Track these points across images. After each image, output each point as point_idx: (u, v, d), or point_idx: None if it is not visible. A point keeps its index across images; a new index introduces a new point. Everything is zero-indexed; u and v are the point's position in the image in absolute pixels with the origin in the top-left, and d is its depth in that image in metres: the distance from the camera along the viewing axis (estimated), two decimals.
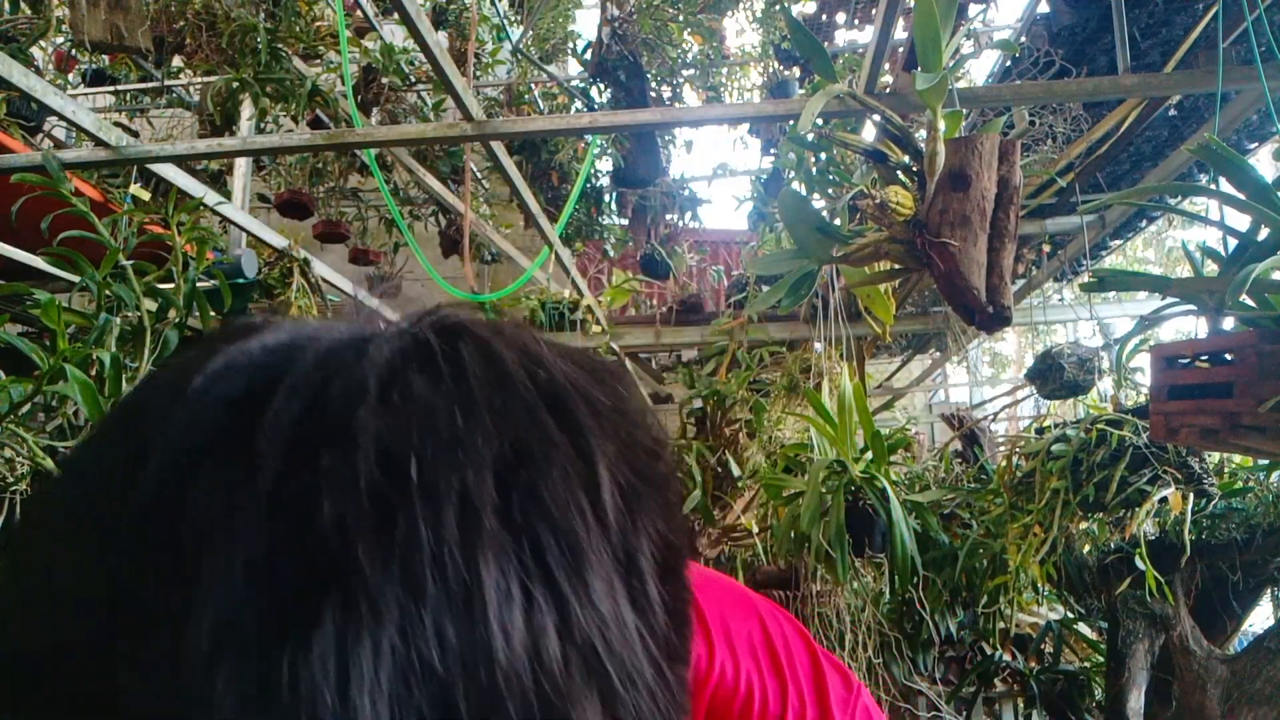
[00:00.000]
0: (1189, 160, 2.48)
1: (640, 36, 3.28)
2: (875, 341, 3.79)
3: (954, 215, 1.02)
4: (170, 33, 3.01)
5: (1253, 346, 0.89)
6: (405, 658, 0.18)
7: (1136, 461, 1.61)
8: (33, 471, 1.19)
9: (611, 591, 0.22)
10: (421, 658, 0.19)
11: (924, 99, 1.07)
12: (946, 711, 2.07)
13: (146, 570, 0.20)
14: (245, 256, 3.18)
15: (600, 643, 0.21)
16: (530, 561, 0.21)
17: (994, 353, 9.57)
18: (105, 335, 1.35)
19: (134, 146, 1.92)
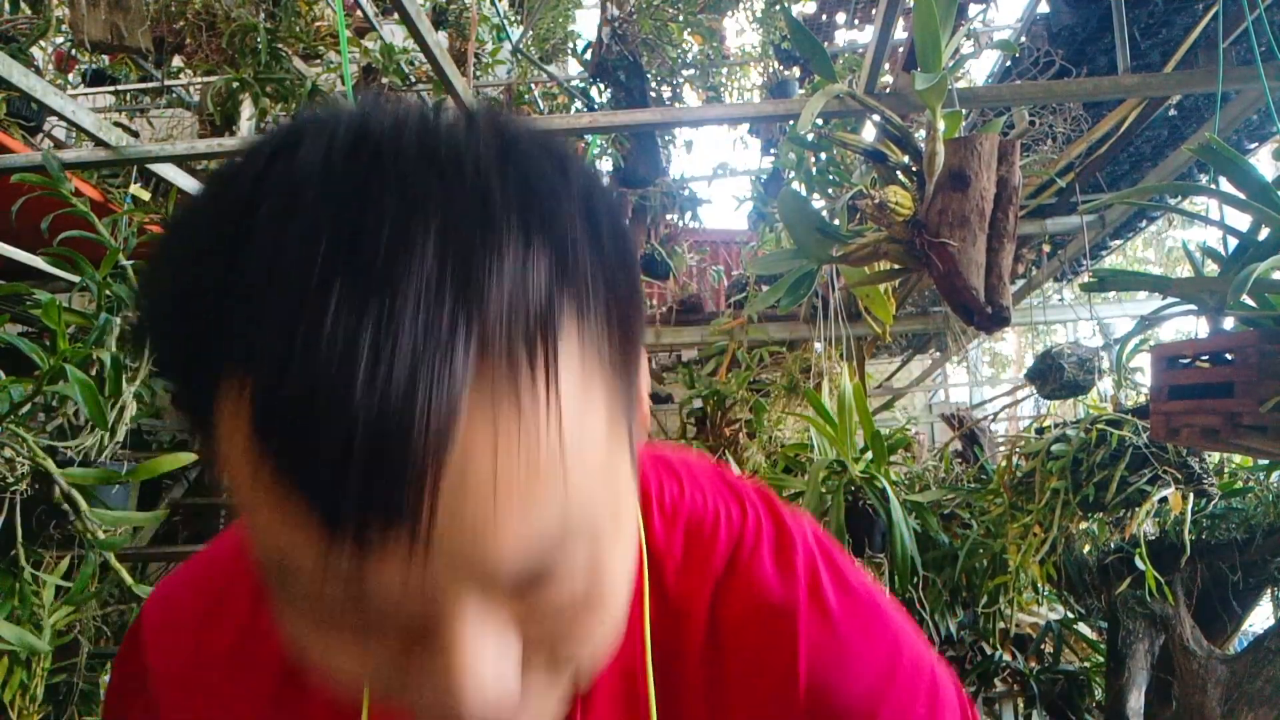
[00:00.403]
0: (1189, 160, 2.48)
1: (640, 36, 3.28)
2: (875, 341, 3.79)
3: (953, 215, 1.02)
4: (170, 33, 3.01)
5: (1253, 346, 0.89)
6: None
7: (1136, 461, 1.61)
8: (33, 471, 1.19)
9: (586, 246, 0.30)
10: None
11: (924, 99, 1.07)
12: None
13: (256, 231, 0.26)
14: None
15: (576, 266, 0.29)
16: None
17: (994, 353, 9.57)
18: (105, 335, 1.35)
19: (134, 146, 1.92)
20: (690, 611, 0.45)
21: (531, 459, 0.27)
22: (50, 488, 1.19)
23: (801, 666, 0.44)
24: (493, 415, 0.26)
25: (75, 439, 1.32)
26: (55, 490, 1.19)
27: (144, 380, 1.47)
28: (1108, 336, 4.25)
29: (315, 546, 0.26)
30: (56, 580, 1.22)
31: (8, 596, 1.16)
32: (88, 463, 1.33)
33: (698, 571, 0.46)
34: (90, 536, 1.20)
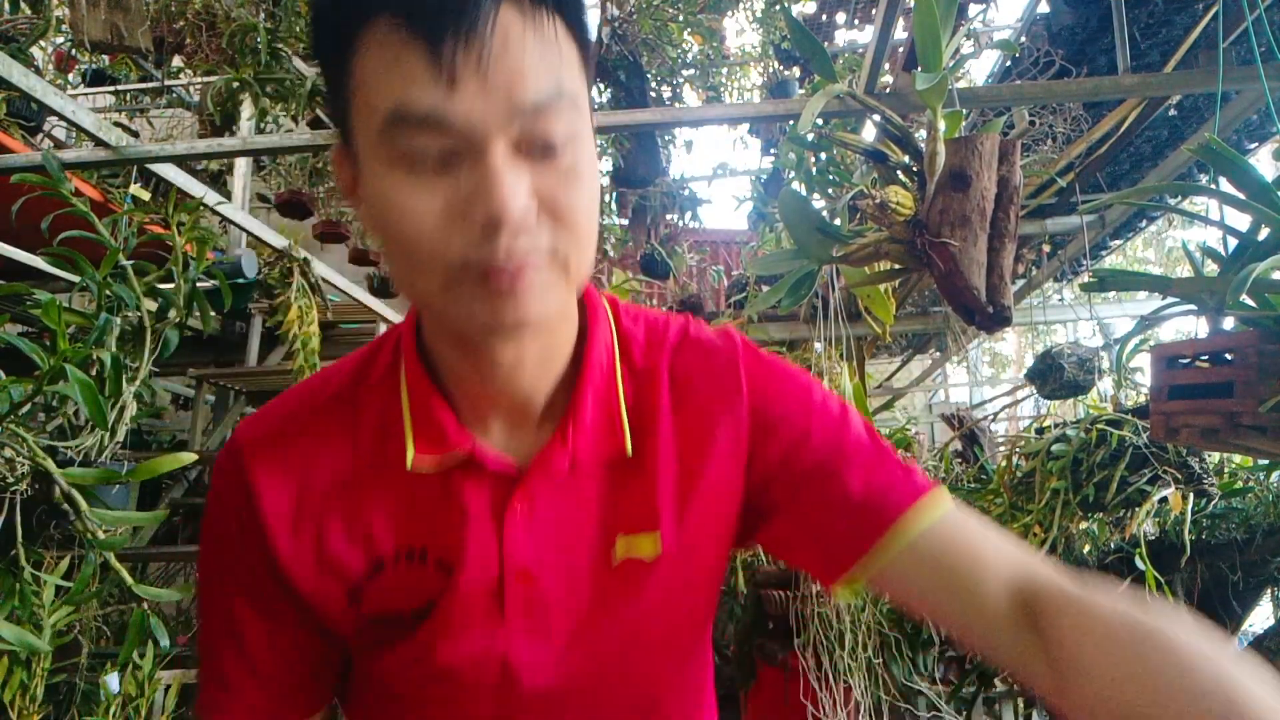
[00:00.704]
0: (1189, 160, 2.48)
1: (640, 36, 3.28)
2: (875, 341, 3.79)
3: (954, 215, 1.02)
4: (170, 33, 3.01)
5: (1253, 346, 0.89)
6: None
7: (1136, 461, 1.61)
8: (33, 471, 1.19)
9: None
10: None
11: (924, 99, 1.07)
12: (946, 711, 2.07)
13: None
14: (245, 256, 3.18)
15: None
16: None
17: (994, 353, 9.57)
18: (105, 335, 1.35)
19: (134, 146, 1.92)
20: (654, 374, 0.61)
21: (545, 40, 0.46)
22: (50, 488, 1.19)
23: (744, 385, 0.60)
24: (521, 17, 0.45)
25: (75, 439, 1.32)
26: (55, 490, 1.19)
27: (144, 380, 1.47)
28: (1108, 336, 4.25)
29: (427, 81, 0.44)
30: (56, 580, 1.22)
31: (8, 596, 1.16)
32: (88, 463, 1.33)
33: (657, 348, 0.62)
34: (90, 536, 1.20)
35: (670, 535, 0.58)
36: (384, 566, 0.57)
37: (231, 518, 0.59)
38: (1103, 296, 4.06)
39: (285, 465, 0.58)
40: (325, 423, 0.60)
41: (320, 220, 4.17)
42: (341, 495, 0.58)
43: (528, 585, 0.56)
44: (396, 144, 0.46)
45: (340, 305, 3.85)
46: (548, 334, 0.57)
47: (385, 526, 0.57)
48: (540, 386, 0.58)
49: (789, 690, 2.17)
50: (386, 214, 0.47)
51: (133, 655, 1.66)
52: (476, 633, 0.56)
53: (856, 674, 2.00)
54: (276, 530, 0.57)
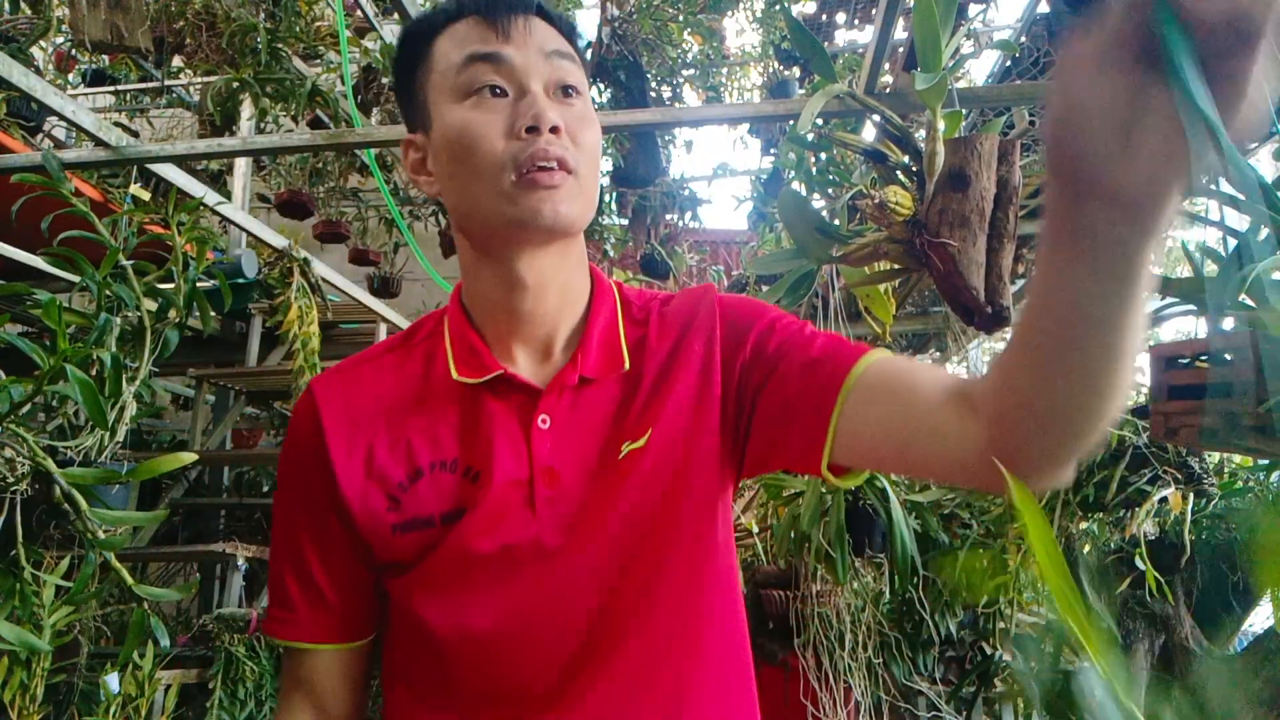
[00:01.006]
0: None
1: (640, 36, 3.28)
2: (875, 341, 3.78)
3: (953, 215, 1.02)
4: (170, 33, 3.01)
5: (1253, 346, 0.89)
6: None
7: (1136, 461, 1.61)
8: (33, 471, 1.19)
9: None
10: None
11: (924, 99, 1.07)
12: (946, 711, 2.07)
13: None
14: (245, 256, 3.18)
15: None
16: None
17: (994, 353, 9.56)
18: (105, 335, 1.35)
19: (134, 146, 1.92)
20: (648, 319, 0.77)
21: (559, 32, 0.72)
22: (50, 488, 1.19)
23: (716, 309, 0.76)
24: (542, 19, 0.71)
25: (75, 439, 1.32)
26: (55, 490, 1.19)
27: (144, 380, 1.47)
28: None
29: (491, 37, 0.67)
30: (56, 580, 1.22)
31: (8, 596, 1.16)
32: (88, 463, 1.33)
33: (651, 302, 0.79)
34: (90, 536, 1.20)
35: (658, 428, 0.70)
36: (421, 474, 0.69)
37: (303, 445, 0.72)
38: None
39: (345, 396, 0.73)
40: (378, 365, 0.76)
41: (320, 220, 4.17)
42: (388, 417, 0.71)
43: (552, 480, 0.68)
44: (469, 81, 0.67)
45: (340, 305, 3.85)
46: (567, 253, 0.72)
47: (422, 442, 0.70)
48: (559, 322, 0.73)
49: (789, 690, 2.17)
50: (461, 137, 0.66)
51: (133, 655, 1.66)
52: (512, 523, 0.67)
53: (856, 674, 2.00)
54: (334, 448, 0.70)
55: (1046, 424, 0.54)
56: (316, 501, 0.71)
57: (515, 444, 0.69)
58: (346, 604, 0.74)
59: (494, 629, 0.68)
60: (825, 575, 2.00)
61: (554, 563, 0.67)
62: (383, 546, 0.70)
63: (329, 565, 0.72)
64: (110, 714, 1.67)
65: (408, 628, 0.72)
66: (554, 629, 0.67)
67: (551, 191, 0.64)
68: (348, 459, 0.70)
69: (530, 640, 0.67)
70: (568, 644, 0.67)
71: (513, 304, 0.71)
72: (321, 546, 0.72)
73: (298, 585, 0.73)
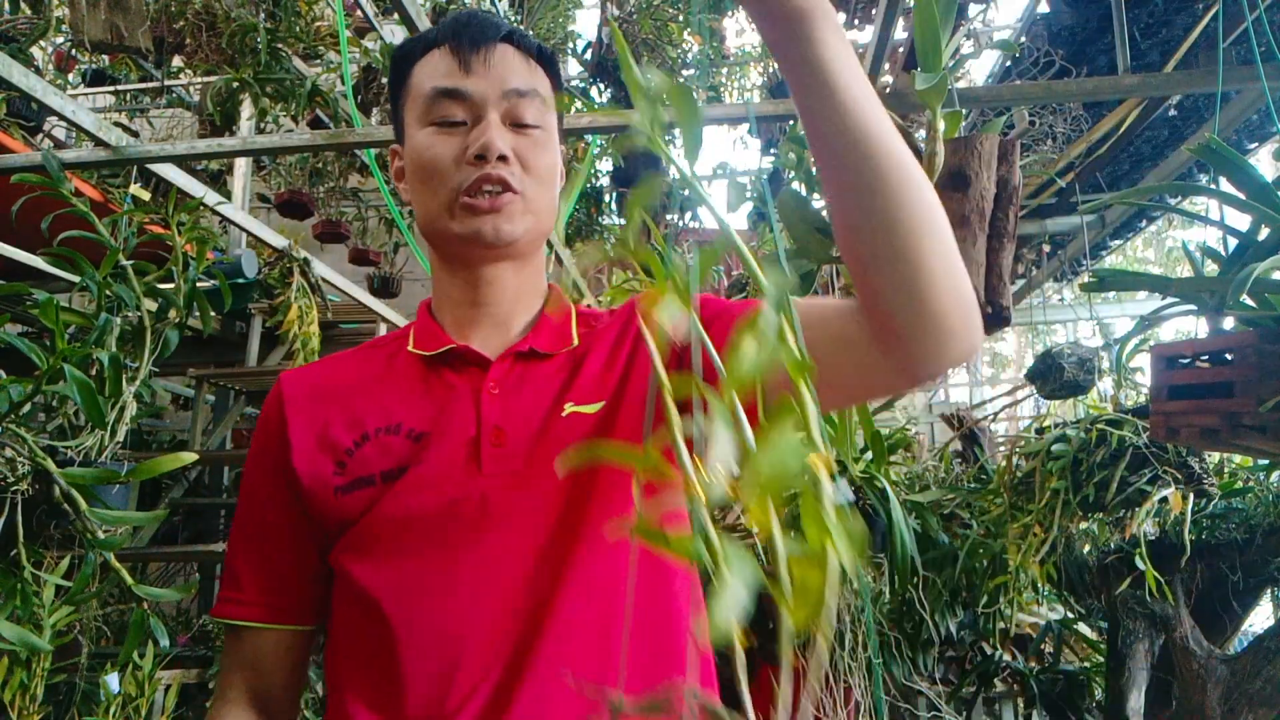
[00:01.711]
0: (1189, 160, 2.48)
1: (640, 36, 3.28)
2: None
3: (953, 215, 1.02)
4: (170, 33, 3.01)
5: (1253, 346, 0.89)
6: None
7: (1136, 461, 1.61)
8: (33, 471, 1.19)
9: None
10: None
11: (924, 99, 1.07)
12: (946, 711, 2.07)
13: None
14: (245, 256, 3.18)
15: None
16: None
17: (994, 353, 9.57)
18: (105, 335, 1.35)
19: (134, 146, 1.92)
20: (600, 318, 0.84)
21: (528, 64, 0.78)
22: (50, 488, 1.19)
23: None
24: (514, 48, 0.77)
25: (75, 439, 1.32)
26: (55, 490, 1.19)
27: (144, 380, 1.47)
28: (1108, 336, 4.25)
29: (455, 71, 0.75)
30: (56, 580, 1.22)
31: (8, 596, 1.16)
32: (88, 463, 1.33)
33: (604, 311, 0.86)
34: (90, 536, 1.20)
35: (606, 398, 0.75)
36: (367, 439, 0.74)
37: (266, 428, 0.78)
38: (1103, 296, 4.06)
39: (308, 383, 0.80)
40: (344, 359, 0.84)
41: (320, 220, 4.17)
42: (345, 395, 0.78)
43: (499, 438, 0.73)
44: (433, 111, 0.75)
45: (340, 305, 3.85)
46: (520, 264, 0.80)
47: (373, 411, 0.76)
48: (516, 311, 0.81)
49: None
50: (421, 157, 0.75)
51: (133, 655, 1.66)
52: (457, 479, 0.71)
53: (856, 674, 2.00)
54: (293, 426, 0.76)
55: (884, 280, 0.59)
56: (273, 479, 0.76)
57: (465, 408, 0.74)
58: (295, 584, 0.77)
59: (434, 587, 0.69)
60: None
61: (495, 518, 0.70)
62: (328, 511, 0.73)
63: (280, 543, 0.77)
64: (110, 714, 1.66)
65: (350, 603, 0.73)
66: (497, 585, 0.69)
67: (494, 214, 0.73)
68: (303, 434, 0.76)
69: (473, 596, 0.69)
70: (511, 600, 0.69)
71: (472, 304, 0.79)
72: (276, 525, 0.77)
73: (248, 565, 0.77)
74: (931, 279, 0.58)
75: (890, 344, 0.62)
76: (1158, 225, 4.47)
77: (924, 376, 0.63)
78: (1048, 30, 2.32)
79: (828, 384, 0.65)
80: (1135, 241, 5.22)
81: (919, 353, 0.61)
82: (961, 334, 0.60)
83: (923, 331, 0.60)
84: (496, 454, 0.72)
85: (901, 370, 0.63)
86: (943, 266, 0.58)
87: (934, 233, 0.58)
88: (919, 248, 0.58)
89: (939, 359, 0.62)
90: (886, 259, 0.58)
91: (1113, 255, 4.09)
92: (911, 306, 0.59)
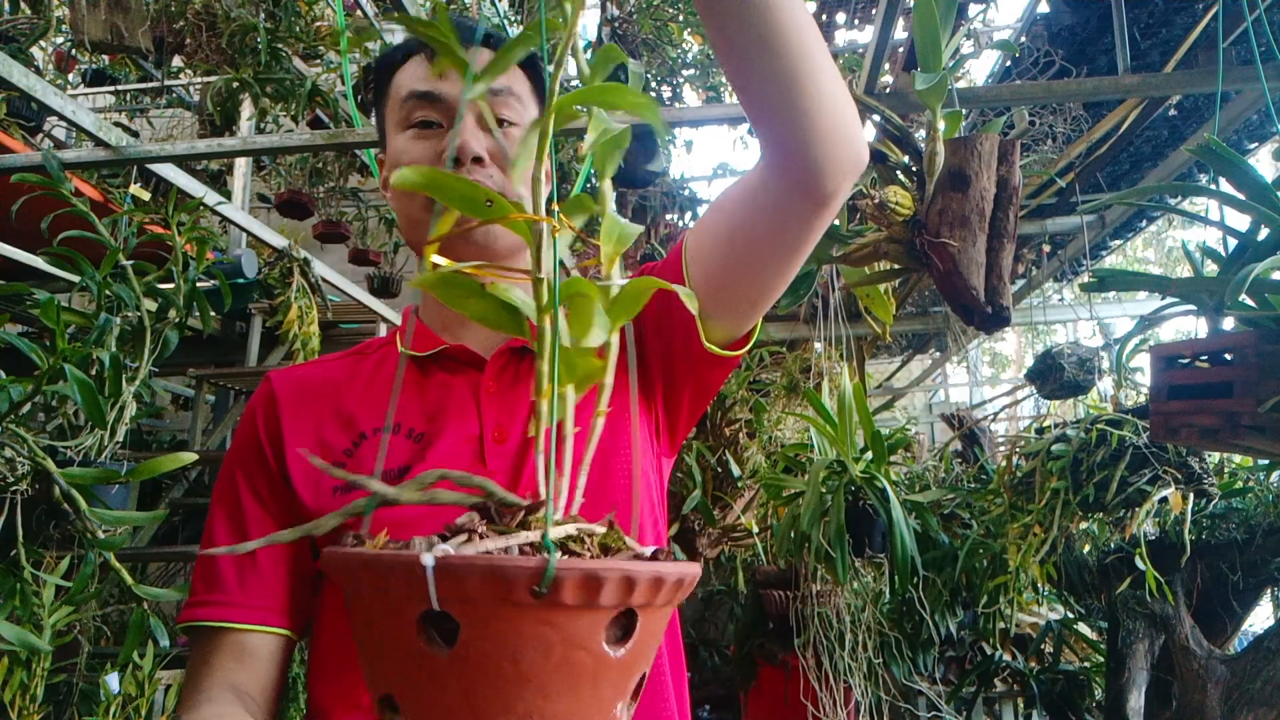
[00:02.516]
0: (1189, 160, 2.48)
1: (640, 36, 3.28)
2: (875, 341, 3.79)
3: (953, 215, 1.02)
4: (170, 33, 3.00)
5: (1253, 346, 0.89)
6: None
7: (1136, 461, 1.61)
8: (33, 471, 1.19)
9: None
10: None
11: (924, 99, 1.07)
12: (946, 711, 2.07)
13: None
14: (245, 256, 3.18)
15: None
16: None
17: (994, 353, 9.57)
18: (105, 335, 1.35)
19: (134, 146, 1.92)
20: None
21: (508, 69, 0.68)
22: (50, 488, 1.19)
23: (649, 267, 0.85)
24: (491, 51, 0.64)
25: (75, 439, 1.32)
26: (55, 490, 1.19)
27: (144, 380, 1.47)
28: (1108, 336, 4.25)
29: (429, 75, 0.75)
30: (56, 580, 1.22)
31: (8, 597, 1.16)
32: (88, 463, 1.33)
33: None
34: (90, 536, 1.20)
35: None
36: (364, 438, 0.75)
37: (256, 423, 0.77)
38: (1103, 296, 4.06)
39: (297, 380, 0.80)
40: (331, 361, 0.84)
41: (320, 220, 4.16)
42: (336, 395, 0.78)
43: (500, 434, 0.74)
44: (410, 115, 0.76)
45: (340, 305, 3.85)
46: (508, 263, 0.78)
47: (365, 411, 0.76)
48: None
49: (789, 690, 2.17)
50: (399, 162, 0.76)
51: (133, 655, 1.66)
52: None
53: (856, 674, 2.00)
54: (286, 424, 0.76)
55: (770, 106, 0.61)
56: (263, 476, 0.75)
57: (465, 407, 0.75)
58: (285, 587, 0.73)
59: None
60: (825, 575, 2.00)
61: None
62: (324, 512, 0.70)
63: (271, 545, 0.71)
64: (110, 714, 1.66)
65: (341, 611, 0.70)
66: None
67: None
68: (297, 433, 0.75)
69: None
70: None
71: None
72: (264, 524, 0.73)
73: (234, 565, 0.72)
74: (805, 81, 0.60)
75: (783, 162, 0.64)
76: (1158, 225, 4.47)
77: (823, 188, 0.65)
78: (1048, 30, 2.32)
79: (756, 238, 0.71)
80: (1135, 241, 5.22)
81: (808, 157, 0.63)
82: (842, 130, 0.63)
83: (805, 124, 0.62)
84: (499, 450, 0.73)
85: (800, 185, 0.65)
86: (811, 65, 0.60)
87: (803, 42, 0.60)
88: (785, 61, 0.59)
89: (828, 162, 0.64)
90: (764, 73, 0.60)
91: (1113, 255, 4.09)
92: (790, 99, 0.61)
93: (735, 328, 0.77)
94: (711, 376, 0.82)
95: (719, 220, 0.74)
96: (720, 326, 0.76)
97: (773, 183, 0.67)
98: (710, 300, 0.74)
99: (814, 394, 2.03)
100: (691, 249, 0.76)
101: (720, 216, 0.74)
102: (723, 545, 2.51)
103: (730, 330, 0.77)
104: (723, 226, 0.74)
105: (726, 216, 0.73)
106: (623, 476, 0.76)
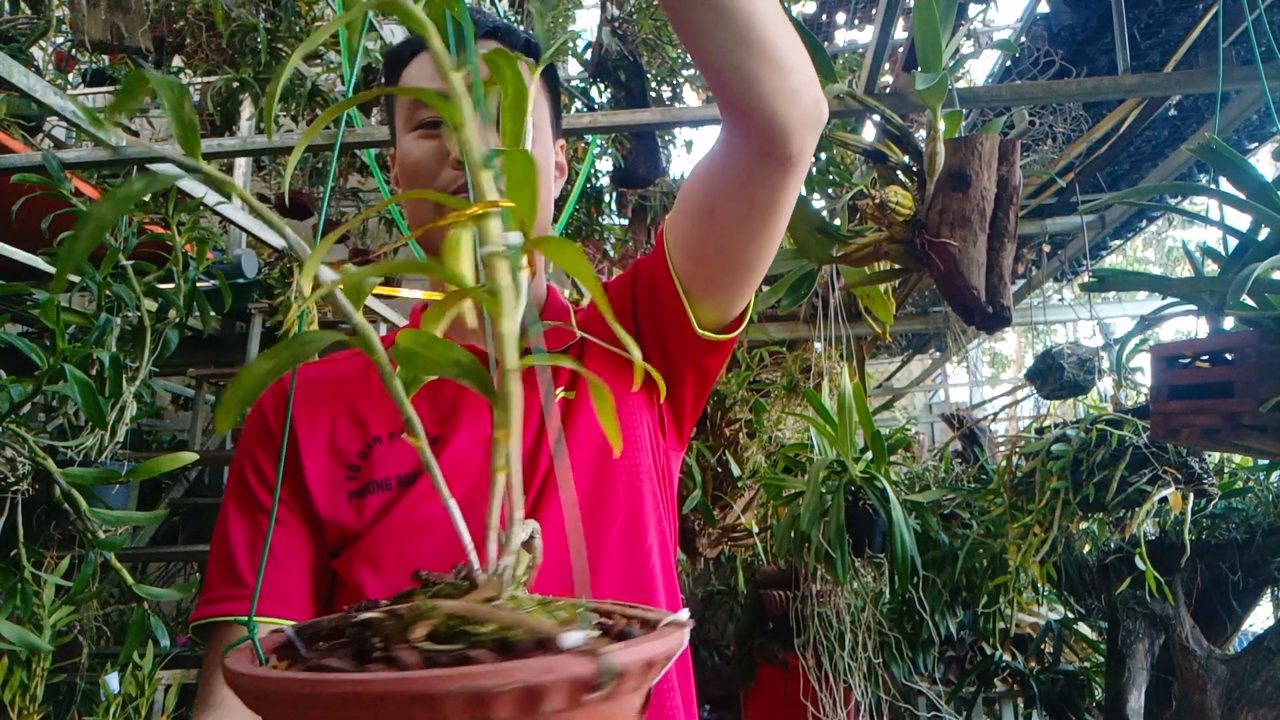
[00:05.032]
0: (1189, 160, 2.49)
1: (640, 36, 3.28)
2: (875, 341, 3.79)
3: (954, 215, 1.02)
4: (170, 33, 3.01)
5: (1253, 346, 0.89)
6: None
7: (1136, 461, 1.61)
8: (33, 471, 1.19)
9: None
10: None
11: (924, 99, 1.07)
12: (946, 711, 2.07)
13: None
14: (245, 256, 3.18)
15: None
16: None
17: (994, 353, 9.57)
18: (105, 335, 1.35)
19: (134, 146, 1.92)
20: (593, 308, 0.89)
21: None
22: (50, 488, 1.19)
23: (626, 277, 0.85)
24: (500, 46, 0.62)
25: (75, 439, 1.32)
26: (55, 490, 1.19)
27: (144, 380, 1.47)
28: (1108, 336, 4.25)
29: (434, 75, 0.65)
30: (57, 580, 1.22)
31: (8, 596, 1.16)
32: (88, 463, 1.33)
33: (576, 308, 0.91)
34: (90, 536, 1.20)
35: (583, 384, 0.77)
36: (378, 441, 0.74)
37: (268, 416, 0.77)
38: (1103, 296, 4.06)
39: (310, 379, 0.79)
40: (339, 362, 0.83)
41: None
42: (346, 394, 0.77)
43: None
44: (416, 114, 0.77)
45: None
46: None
47: (374, 413, 0.76)
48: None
49: (789, 690, 2.17)
50: (406, 161, 0.77)
51: (133, 655, 1.66)
52: (475, 475, 0.71)
53: (856, 674, 2.00)
54: (302, 420, 0.75)
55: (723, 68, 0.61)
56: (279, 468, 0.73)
57: (477, 408, 0.75)
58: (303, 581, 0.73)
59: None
60: (825, 575, 2.00)
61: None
62: (339, 514, 0.72)
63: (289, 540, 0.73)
64: (110, 714, 1.66)
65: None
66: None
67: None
68: (312, 433, 0.75)
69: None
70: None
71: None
72: (282, 520, 0.73)
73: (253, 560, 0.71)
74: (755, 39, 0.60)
75: (743, 125, 0.65)
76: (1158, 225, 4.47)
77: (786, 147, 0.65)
78: (1048, 30, 2.32)
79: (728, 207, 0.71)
80: (1135, 241, 5.22)
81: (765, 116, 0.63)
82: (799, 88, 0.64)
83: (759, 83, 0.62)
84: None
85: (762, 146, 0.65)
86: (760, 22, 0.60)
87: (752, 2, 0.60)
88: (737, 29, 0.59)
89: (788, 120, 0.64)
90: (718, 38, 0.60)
91: (1113, 255, 4.09)
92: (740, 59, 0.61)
93: (726, 308, 0.77)
94: (709, 362, 0.82)
95: (691, 197, 0.75)
96: (710, 308, 0.76)
97: (736, 147, 0.67)
98: (695, 281, 0.74)
99: (814, 394, 2.03)
100: (670, 233, 0.76)
101: (692, 193, 0.75)
102: (723, 545, 2.51)
103: (721, 312, 0.77)
104: (695, 202, 0.74)
105: (697, 191, 0.74)
106: (627, 474, 0.77)
